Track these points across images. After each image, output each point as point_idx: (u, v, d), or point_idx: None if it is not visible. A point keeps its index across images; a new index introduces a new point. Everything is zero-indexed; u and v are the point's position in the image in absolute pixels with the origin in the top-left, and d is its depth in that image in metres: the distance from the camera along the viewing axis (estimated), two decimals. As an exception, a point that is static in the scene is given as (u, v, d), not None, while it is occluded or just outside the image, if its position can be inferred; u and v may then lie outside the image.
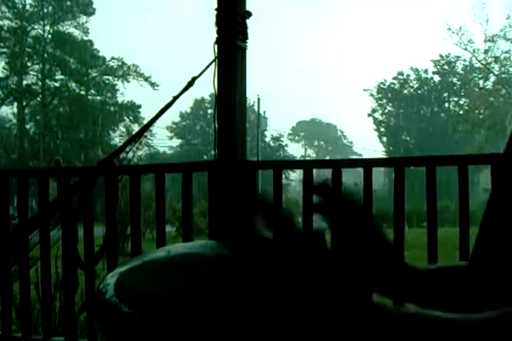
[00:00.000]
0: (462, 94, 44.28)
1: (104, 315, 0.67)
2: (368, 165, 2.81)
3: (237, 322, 0.61)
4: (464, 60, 42.77)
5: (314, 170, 2.94)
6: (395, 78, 46.66)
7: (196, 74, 3.07)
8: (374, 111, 47.37)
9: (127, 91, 40.80)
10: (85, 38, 39.64)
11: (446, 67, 45.11)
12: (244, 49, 2.95)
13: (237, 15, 2.88)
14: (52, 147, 34.91)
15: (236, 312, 0.62)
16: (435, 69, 45.60)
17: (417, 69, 46.32)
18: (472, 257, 0.82)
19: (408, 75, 46.58)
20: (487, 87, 38.98)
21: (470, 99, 40.59)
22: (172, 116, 44.29)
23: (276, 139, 48.85)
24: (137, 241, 3.07)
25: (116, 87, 40.72)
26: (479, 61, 39.69)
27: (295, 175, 40.41)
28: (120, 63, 40.50)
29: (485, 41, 37.91)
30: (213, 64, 2.93)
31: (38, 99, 38.52)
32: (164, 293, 0.64)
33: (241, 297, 0.62)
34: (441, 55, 44.77)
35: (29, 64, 38.15)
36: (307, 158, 49.59)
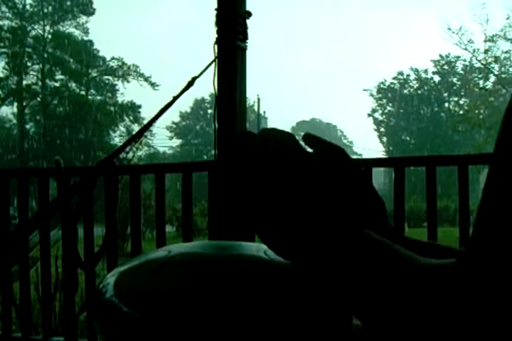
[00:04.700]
0: (462, 94, 44.28)
1: (103, 315, 0.67)
2: (368, 165, 2.80)
3: (236, 322, 0.61)
4: (464, 60, 42.81)
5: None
6: (395, 78, 46.70)
7: (196, 74, 3.07)
8: (374, 111, 47.40)
9: (127, 91, 40.85)
10: (85, 38, 39.69)
11: (446, 67, 45.13)
12: (244, 49, 2.95)
13: (237, 15, 2.88)
14: (52, 147, 34.88)
15: (236, 312, 0.62)
16: (435, 69, 45.63)
17: (417, 69, 46.36)
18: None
19: (408, 75, 46.62)
20: (487, 87, 38.96)
21: (470, 99, 40.58)
22: (172, 116, 44.38)
23: (276, 139, 48.73)
24: (137, 241, 3.08)
25: (116, 87, 40.75)
26: (479, 61, 39.68)
27: (295, 175, 40.30)
28: (120, 63, 40.52)
29: (485, 41, 37.91)
30: (213, 64, 2.93)
31: (38, 99, 38.51)
32: (164, 292, 0.64)
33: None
34: (441, 55, 44.82)
35: (29, 64, 38.13)
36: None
